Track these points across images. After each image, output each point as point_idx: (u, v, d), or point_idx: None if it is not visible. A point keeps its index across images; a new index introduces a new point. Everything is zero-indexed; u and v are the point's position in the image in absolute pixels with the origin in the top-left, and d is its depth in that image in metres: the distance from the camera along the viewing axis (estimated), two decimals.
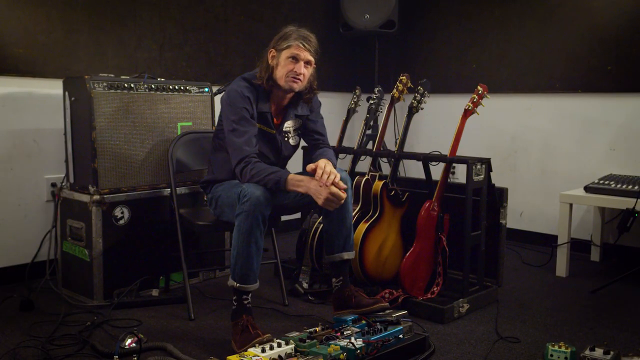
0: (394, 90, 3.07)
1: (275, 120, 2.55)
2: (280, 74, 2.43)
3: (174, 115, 3.01)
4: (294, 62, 2.42)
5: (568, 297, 2.98)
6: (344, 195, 2.31)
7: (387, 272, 2.87)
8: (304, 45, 2.42)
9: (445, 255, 2.75)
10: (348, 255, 2.53)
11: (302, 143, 2.74)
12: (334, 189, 2.27)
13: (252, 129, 2.42)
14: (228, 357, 1.90)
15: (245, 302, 2.31)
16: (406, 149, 3.03)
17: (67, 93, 2.84)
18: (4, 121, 2.97)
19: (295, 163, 2.80)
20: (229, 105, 2.44)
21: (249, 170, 2.33)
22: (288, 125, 2.58)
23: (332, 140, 3.39)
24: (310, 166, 2.33)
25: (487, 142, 4.21)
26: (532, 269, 3.50)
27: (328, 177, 2.26)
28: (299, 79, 2.44)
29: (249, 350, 1.96)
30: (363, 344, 2.01)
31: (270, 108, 2.51)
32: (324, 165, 2.29)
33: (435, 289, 2.76)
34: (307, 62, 2.46)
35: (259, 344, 2.01)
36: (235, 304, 2.31)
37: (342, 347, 1.98)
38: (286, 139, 2.59)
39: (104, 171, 2.75)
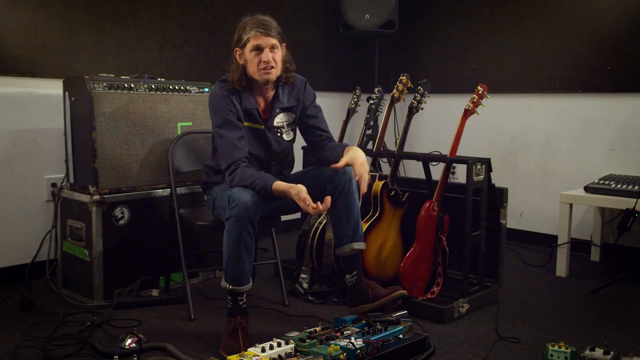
0: (394, 90, 3.07)
1: (263, 115, 2.50)
2: (252, 69, 2.38)
3: (174, 115, 3.01)
4: (258, 52, 2.36)
5: (568, 297, 2.98)
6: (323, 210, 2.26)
7: (387, 272, 2.87)
8: (261, 32, 2.35)
9: (445, 255, 2.75)
10: (358, 245, 2.46)
11: (300, 138, 2.67)
12: (318, 210, 2.22)
13: (236, 132, 2.39)
14: (228, 357, 1.90)
15: (240, 302, 2.31)
16: (406, 149, 3.03)
17: (67, 93, 2.84)
18: (4, 121, 2.97)
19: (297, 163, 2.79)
20: (212, 112, 2.44)
21: (236, 175, 2.31)
22: (279, 120, 2.53)
23: None
24: (334, 167, 2.38)
25: (487, 142, 4.20)
26: (532, 269, 3.50)
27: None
28: (271, 67, 2.37)
29: (249, 350, 1.96)
30: (363, 344, 2.01)
31: (256, 104, 2.47)
32: (366, 177, 2.36)
33: (435, 289, 2.76)
34: (272, 47, 2.37)
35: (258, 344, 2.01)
36: (230, 303, 2.32)
37: (342, 347, 1.98)
38: (279, 134, 2.54)
39: (104, 171, 2.75)
